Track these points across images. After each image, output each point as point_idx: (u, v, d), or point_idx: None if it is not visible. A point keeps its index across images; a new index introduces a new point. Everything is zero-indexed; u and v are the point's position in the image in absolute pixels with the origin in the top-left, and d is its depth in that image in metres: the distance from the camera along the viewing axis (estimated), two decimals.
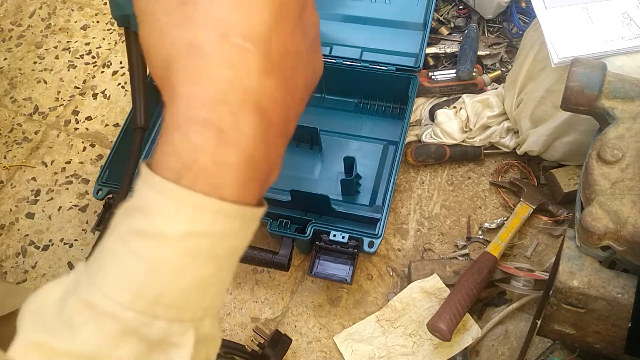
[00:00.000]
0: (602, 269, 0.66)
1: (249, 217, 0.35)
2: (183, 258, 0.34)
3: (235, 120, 0.33)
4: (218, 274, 0.36)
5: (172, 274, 0.35)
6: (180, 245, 0.34)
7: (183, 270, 0.35)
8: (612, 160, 0.67)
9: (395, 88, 1.08)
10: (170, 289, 0.35)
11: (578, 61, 0.76)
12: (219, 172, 0.33)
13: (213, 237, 0.34)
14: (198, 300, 0.36)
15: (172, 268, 0.35)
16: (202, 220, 0.34)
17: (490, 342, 0.94)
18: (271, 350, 0.92)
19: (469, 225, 1.04)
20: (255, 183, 0.35)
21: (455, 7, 1.24)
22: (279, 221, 0.95)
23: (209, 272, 0.35)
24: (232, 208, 0.34)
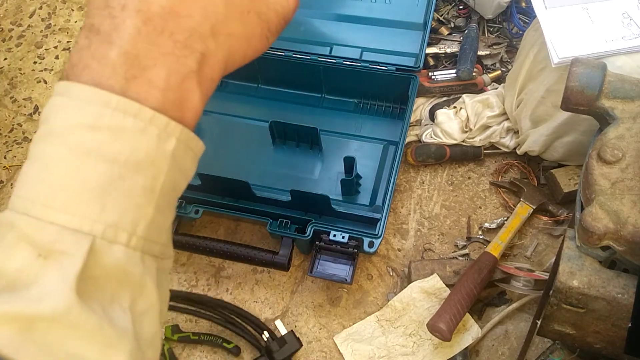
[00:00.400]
0: (602, 269, 0.66)
1: (148, 118, 0.35)
2: (72, 155, 0.34)
3: (114, 22, 0.35)
4: (120, 182, 0.34)
5: (62, 173, 0.34)
6: (68, 140, 0.34)
7: (74, 170, 0.34)
8: (612, 160, 0.67)
9: (395, 88, 1.08)
10: (61, 188, 0.34)
11: (578, 61, 0.76)
12: (99, 66, 0.35)
13: (102, 131, 0.34)
14: (96, 209, 0.34)
15: (62, 167, 0.34)
16: (87, 112, 0.34)
17: (490, 342, 0.94)
18: (277, 346, 0.92)
19: (469, 225, 1.04)
20: (141, 81, 0.35)
21: (455, 7, 1.24)
22: (279, 221, 0.95)
23: (104, 177, 0.34)
24: (120, 100, 0.34)
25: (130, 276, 0.35)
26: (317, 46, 1.11)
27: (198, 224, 1.07)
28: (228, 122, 1.13)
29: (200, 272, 1.03)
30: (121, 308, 0.35)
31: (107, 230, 0.34)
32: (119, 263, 0.34)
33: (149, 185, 0.35)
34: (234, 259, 0.96)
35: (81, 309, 0.33)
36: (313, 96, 1.16)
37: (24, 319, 0.32)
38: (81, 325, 0.33)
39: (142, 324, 0.36)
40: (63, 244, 0.33)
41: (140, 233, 0.35)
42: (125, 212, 0.35)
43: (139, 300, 0.36)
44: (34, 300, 0.32)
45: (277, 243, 0.95)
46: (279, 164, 1.07)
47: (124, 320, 0.35)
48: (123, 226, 0.34)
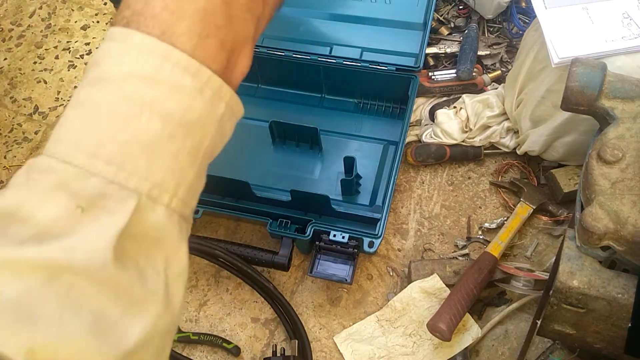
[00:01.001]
0: (602, 269, 0.66)
1: (205, 79, 0.34)
2: (126, 104, 0.32)
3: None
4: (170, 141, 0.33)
5: (113, 121, 0.32)
6: (122, 88, 0.32)
7: (125, 119, 0.32)
8: (612, 160, 0.67)
9: (395, 88, 1.08)
10: (110, 139, 0.32)
11: (578, 61, 0.76)
12: (170, 18, 0.33)
13: (160, 85, 0.33)
14: (144, 165, 0.32)
15: (114, 114, 0.32)
16: (146, 62, 0.33)
17: (490, 342, 0.94)
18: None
19: (469, 225, 1.04)
20: (213, 41, 0.34)
21: (455, 7, 1.24)
22: (279, 221, 0.95)
23: (156, 133, 0.33)
24: (182, 57, 0.33)
25: (169, 238, 0.34)
26: (317, 46, 1.12)
27: (198, 224, 1.07)
28: None
29: (200, 272, 1.03)
30: (155, 270, 0.34)
31: (152, 190, 0.33)
32: (160, 224, 0.33)
33: (195, 147, 0.34)
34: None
35: (115, 267, 0.31)
36: (313, 96, 1.16)
37: (50, 267, 0.30)
38: (113, 284, 0.31)
39: (174, 288, 0.35)
40: (107, 198, 0.31)
41: (181, 195, 0.34)
42: (171, 172, 0.34)
43: (173, 264, 0.35)
44: (65, 249, 0.30)
45: (277, 243, 0.95)
46: (279, 164, 1.07)
47: (157, 282, 0.34)
48: (167, 187, 0.33)
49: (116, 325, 0.31)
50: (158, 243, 0.34)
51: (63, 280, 0.30)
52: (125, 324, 0.31)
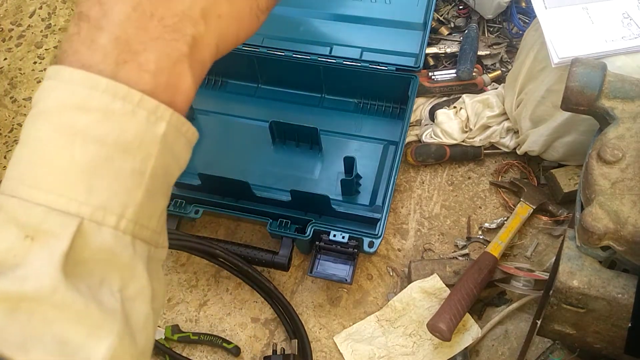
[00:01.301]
0: (602, 269, 0.66)
1: (137, 100, 0.35)
2: (59, 135, 0.34)
3: (103, 8, 0.35)
4: (108, 164, 0.34)
5: (49, 154, 0.34)
6: (55, 121, 0.34)
7: (61, 151, 0.34)
8: (612, 160, 0.67)
9: (395, 88, 1.08)
10: (48, 170, 0.33)
11: (578, 61, 0.76)
12: (88, 51, 0.35)
13: (90, 112, 0.34)
14: (83, 190, 0.33)
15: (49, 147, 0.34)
16: (75, 94, 0.34)
17: (490, 342, 0.94)
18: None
19: (469, 225, 1.04)
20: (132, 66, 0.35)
21: (455, 7, 1.24)
22: (279, 221, 0.95)
23: (92, 158, 0.34)
24: (109, 83, 0.34)
25: (120, 259, 0.35)
26: (317, 46, 1.11)
27: (198, 224, 1.07)
28: (228, 122, 1.13)
29: (200, 272, 1.03)
30: (110, 291, 0.35)
31: (95, 213, 0.33)
32: (108, 245, 0.34)
33: (138, 168, 0.35)
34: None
35: (67, 289, 0.32)
36: (313, 96, 1.16)
37: (9, 299, 0.31)
38: (67, 306, 0.32)
39: (133, 307, 0.36)
40: (50, 224, 0.33)
41: (130, 216, 0.35)
42: (114, 194, 0.34)
43: (129, 284, 0.36)
44: (19, 279, 0.32)
45: (277, 243, 0.95)
46: (279, 164, 1.07)
47: (113, 302, 0.35)
48: (111, 209, 0.34)
49: (81, 348, 0.33)
50: (108, 265, 0.35)
51: (23, 309, 0.32)
52: (89, 346, 0.33)
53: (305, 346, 0.94)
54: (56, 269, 0.32)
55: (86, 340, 0.33)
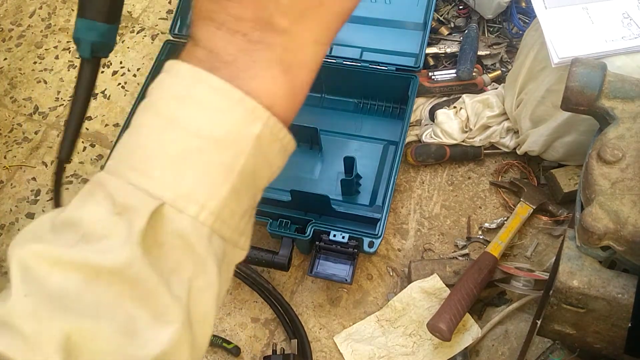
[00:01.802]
0: (602, 269, 0.66)
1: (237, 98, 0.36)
2: (157, 121, 0.36)
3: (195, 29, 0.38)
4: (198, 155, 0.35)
5: (145, 138, 0.36)
6: (157, 108, 0.37)
7: (156, 136, 0.36)
8: (612, 160, 0.67)
9: (395, 88, 1.08)
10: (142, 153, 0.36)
11: (578, 61, 0.76)
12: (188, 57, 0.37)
13: (189, 104, 0.36)
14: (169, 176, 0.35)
15: (147, 132, 0.36)
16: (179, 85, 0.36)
17: (490, 342, 0.94)
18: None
19: (469, 225, 1.04)
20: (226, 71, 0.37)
21: (455, 7, 1.24)
22: (279, 221, 0.95)
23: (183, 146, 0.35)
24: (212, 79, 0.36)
25: (194, 249, 0.35)
26: None
27: None
28: None
29: None
30: (180, 279, 0.36)
31: (177, 199, 0.35)
32: (185, 233, 0.35)
33: (227, 163, 0.36)
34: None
35: (142, 265, 0.33)
36: (313, 96, 1.16)
37: (89, 268, 0.33)
38: (139, 283, 0.34)
39: (197, 299, 0.36)
40: (133, 201, 0.34)
41: (211, 209, 0.36)
42: (200, 184, 0.35)
43: (199, 276, 0.36)
44: (101, 251, 0.33)
45: (277, 243, 0.95)
46: None
47: (181, 290, 0.35)
48: (195, 198, 0.35)
49: (144, 330, 0.34)
50: (183, 252, 0.35)
51: (101, 281, 0.33)
52: (153, 330, 0.34)
53: (305, 346, 0.94)
54: (133, 243, 0.33)
55: (151, 323, 0.34)
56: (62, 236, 0.35)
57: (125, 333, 0.33)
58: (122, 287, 0.33)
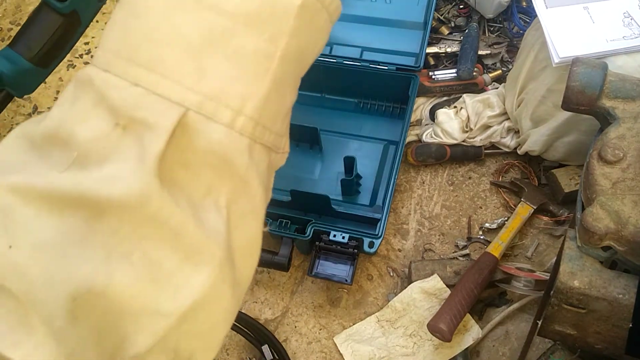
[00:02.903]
0: (603, 269, 0.66)
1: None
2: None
3: None
4: (226, 40, 0.26)
5: (154, 20, 0.26)
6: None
7: (168, 18, 0.26)
8: (613, 160, 0.67)
9: (395, 88, 1.08)
10: (151, 40, 0.26)
11: (579, 61, 0.76)
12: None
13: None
14: (190, 71, 0.26)
15: (155, 12, 0.26)
16: None
17: (491, 343, 0.93)
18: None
19: (470, 226, 1.04)
20: None
21: (455, 6, 1.23)
22: (279, 221, 0.95)
23: (206, 29, 0.26)
24: None
25: (233, 167, 0.27)
26: None
27: None
28: None
29: None
30: (216, 206, 0.28)
31: (205, 103, 0.26)
32: (219, 147, 0.27)
33: (264, 49, 0.27)
34: None
35: (162, 199, 0.25)
36: (313, 96, 1.16)
37: (93, 203, 0.25)
38: (161, 222, 0.25)
39: (240, 228, 0.28)
40: (146, 111, 0.26)
41: (250, 112, 0.27)
42: (232, 81, 0.27)
43: (240, 200, 0.28)
44: (104, 180, 0.25)
45: (277, 243, 0.95)
46: None
47: (217, 221, 0.27)
48: (227, 100, 0.27)
49: (174, 274, 0.26)
50: (218, 172, 0.27)
51: (108, 219, 0.25)
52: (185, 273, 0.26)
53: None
54: (150, 171, 0.25)
55: (181, 265, 0.26)
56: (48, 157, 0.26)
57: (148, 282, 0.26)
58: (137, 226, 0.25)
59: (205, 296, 0.27)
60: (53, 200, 0.25)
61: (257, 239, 0.30)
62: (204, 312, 0.27)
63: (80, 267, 0.25)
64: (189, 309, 0.26)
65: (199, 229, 0.26)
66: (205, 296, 0.26)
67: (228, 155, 0.27)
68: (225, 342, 0.97)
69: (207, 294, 0.27)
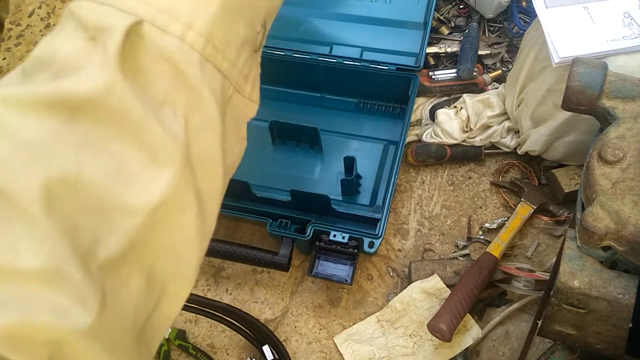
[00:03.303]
0: (603, 269, 0.66)
1: None
2: None
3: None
4: None
5: None
6: None
7: None
8: (613, 160, 0.67)
9: (395, 88, 1.08)
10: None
11: (579, 61, 0.76)
12: None
13: None
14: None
15: None
16: None
17: (491, 343, 0.93)
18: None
19: (470, 226, 1.04)
20: None
21: (455, 6, 1.23)
22: (279, 221, 0.95)
23: None
24: None
25: (186, 78, 0.30)
26: (317, 46, 1.11)
27: None
28: None
29: (199, 272, 1.03)
30: (174, 114, 0.30)
31: (158, 15, 0.30)
32: (172, 57, 0.30)
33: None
34: (234, 259, 0.96)
35: (123, 90, 0.29)
36: (313, 96, 1.16)
37: (67, 104, 0.28)
38: (125, 113, 0.28)
39: (198, 139, 0.31)
40: (108, 19, 0.30)
41: (199, 28, 0.30)
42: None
43: (195, 112, 0.31)
44: (77, 81, 0.29)
45: (277, 243, 0.95)
46: (279, 164, 1.07)
47: (176, 127, 0.30)
48: (178, 14, 0.30)
49: (138, 175, 0.29)
50: (172, 82, 0.30)
51: (82, 121, 0.28)
52: (148, 174, 0.29)
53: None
54: (110, 66, 0.28)
55: (147, 165, 0.29)
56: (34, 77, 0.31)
57: (115, 177, 0.28)
58: (107, 125, 0.28)
59: (170, 197, 0.29)
60: (33, 105, 0.28)
61: (217, 158, 0.33)
62: (172, 216, 0.30)
63: (54, 160, 0.27)
64: (156, 206, 0.29)
65: (160, 127, 0.29)
66: (170, 197, 0.29)
67: (181, 65, 0.30)
68: (225, 342, 0.97)
69: (171, 195, 0.29)
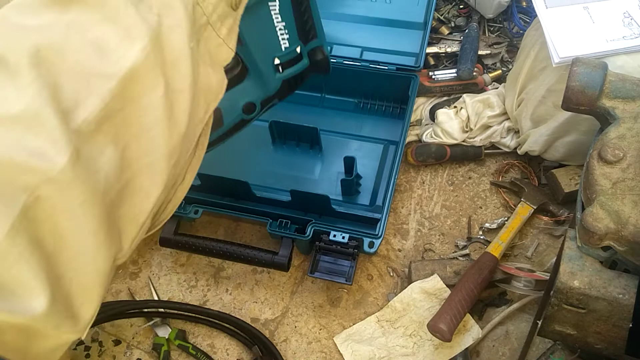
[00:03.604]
0: (603, 269, 0.66)
1: None
2: None
3: None
4: None
5: None
6: None
7: None
8: (613, 160, 0.67)
9: (395, 88, 1.08)
10: None
11: (579, 61, 0.76)
12: None
13: None
14: None
15: None
16: None
17: (491, 343, 0.93)
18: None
19: (470, 226, 1.04)
20: None
21: (455, 6, 1.23)
22: (279, 221, 0.95)
23: None
24: None
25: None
26: None
27: (198, 224, 1.07)
28: None
29: (199, 272, 1.03)
30: (149, 10, 0.36)
31: None
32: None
33: None
34: (234, 259, 0.96)
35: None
36: (313, 96, 1.16)
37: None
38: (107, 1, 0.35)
39: (167, 38, 0.36)
40: None
41: None
42: None
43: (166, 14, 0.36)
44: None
45: (277, 243, 0.95)
46: (279, 164, 1.07)
47: (150, 16, 0.35)
48: None
49: (115, 50, 0.35)
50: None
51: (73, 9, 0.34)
52: (123, 48, 0.35)
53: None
54: None
55: (122, 42, 0.35)
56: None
57: (96, 49, 0.34)
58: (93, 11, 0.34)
59: (141, 68, 0.35)
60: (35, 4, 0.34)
61: (184, 52, 0.37)
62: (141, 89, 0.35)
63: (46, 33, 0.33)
64: (128, 73, 0.34)
65: (136, 13, 0.35)
66: (140, 67, 0.35)
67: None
68: (225, 342, 0.97)
69: (142, 66, 0.35)
